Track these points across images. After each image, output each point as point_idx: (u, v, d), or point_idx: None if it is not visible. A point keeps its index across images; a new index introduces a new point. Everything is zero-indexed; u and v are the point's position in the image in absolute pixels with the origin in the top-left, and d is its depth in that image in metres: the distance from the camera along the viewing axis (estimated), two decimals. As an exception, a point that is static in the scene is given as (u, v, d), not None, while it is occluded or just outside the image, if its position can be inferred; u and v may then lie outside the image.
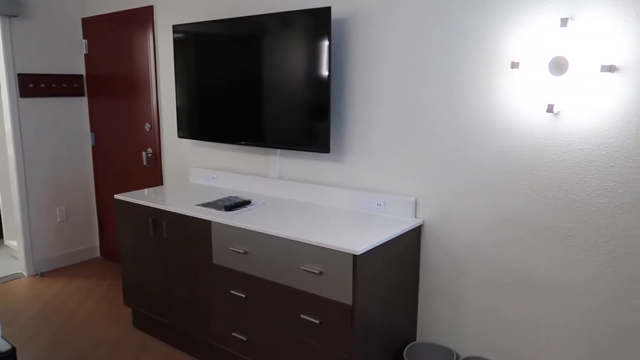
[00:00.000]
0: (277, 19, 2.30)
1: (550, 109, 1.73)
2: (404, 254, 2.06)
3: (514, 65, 1.79)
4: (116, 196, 2.61)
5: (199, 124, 2.74)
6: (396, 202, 2.18)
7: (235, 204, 2.33)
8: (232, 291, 2.16)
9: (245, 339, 2.15)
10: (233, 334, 2.19)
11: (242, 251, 2.09)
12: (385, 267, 1.95)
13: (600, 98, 1.68)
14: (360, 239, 1.86)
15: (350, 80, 2.27)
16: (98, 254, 3.88)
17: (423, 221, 2.15)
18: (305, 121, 2.30)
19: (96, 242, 3.87)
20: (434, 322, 2.19)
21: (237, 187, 2.77)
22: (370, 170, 2.28)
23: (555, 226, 1.83)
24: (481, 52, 1.91)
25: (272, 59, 2.36)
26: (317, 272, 1.86)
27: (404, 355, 2.05)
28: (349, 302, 1.80)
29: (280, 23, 2.30)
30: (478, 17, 1.89)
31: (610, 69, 1.62)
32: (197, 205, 2.37)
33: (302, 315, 1.93)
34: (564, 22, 1.67)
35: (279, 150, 2.59)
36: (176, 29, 2.74)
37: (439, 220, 2.11)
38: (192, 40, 2.68)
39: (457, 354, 2.12)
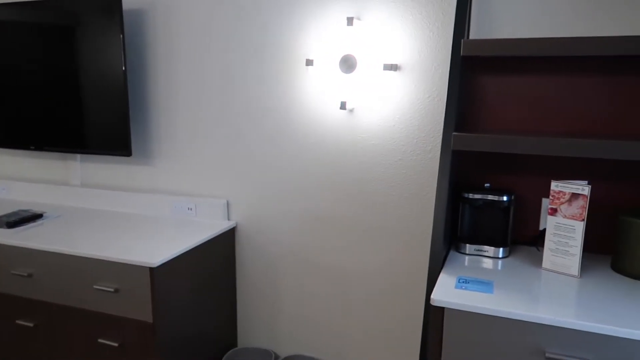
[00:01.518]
0: (64, 5, 2.03)
1: (343, 106, 1.77)
2: (216, 258, 1.97)
3: (309, 62, 1.79)
4: None
5: (-23, 127, 2.32)
6: (208, 205, 2.08)
7: (21, 219, 2.02)
8: (17, 321, 1.86)
9: (37, 373, 1.87)
10: (23, 370, 1.90)
11: (26, 274, 1.81)
12: (195, 275, 1.84)
13: (387, 95, 1.76)
14: (160, 249, 1.72)
15: (151, 77, 2.10)
16: None
17: (236, 223, 2.08)
18: (103, 122, 2.07)
19: None
20: (253, 325, 2.14)
21: (32, 199, 2.42)
22: (179, 173, 2.14)
23: (359, 221, 1.89)
24: (280, 50, 1.88)
25: (63, 52, 2.08)
26: (112, 289, 1.68)
27: (221, 365, 1.96)
28: (149, 319, 1.65)
29: (69, 11, 2.03)
30: (275, 14, 1.86)
31: (392, 67, 1.70)
32: (-29, 224, 2.00)
33: (100, 340, 1.73)
34: (350, 21, 1.71)
35: (78, 155, 2.31)
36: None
37: (252, 221, 2.06)
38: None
39: (275, 354, 2.10)
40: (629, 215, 1.36)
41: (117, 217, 2.13)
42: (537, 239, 1.60)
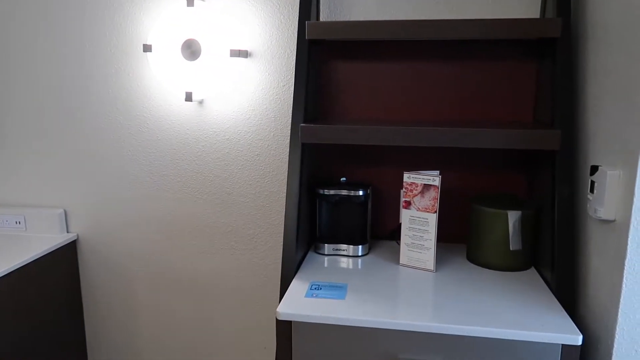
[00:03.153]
0: None
1: (189, 97, 1.57)
2: (55, 278, 1.68)
3: (147, 48, 1.57)
4: None
5: None
6: (40, 217, 1.77)
7: None
8: None
9: None
10: None
11: None
12: (25, 300, 1.54)
13: (240, 84, 1.60)
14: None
15: (-43, 67, 1.73)
16: None
17: (77, 236, 1.80)
18: None
19: None
20: (106, 353, 1.88)
21: None
22: (3, 181, 1.80)
23: (216, 223, 1.71)
24: (115, 37, 1.63)
25: None
26: None
27: (63, 402, 1.68)
28: (-48, 363, 1.34)
29: None
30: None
31: (241, 53, 1.54)
32: None
33: None
34: (190, 1, 1.51)
35: None
36: None
37: (97, 232, 1.79)
38: None
39: (133, 381, 1.86)
40: (477, 202, 1.33)
41: None
42: (395, 233, 1.53)
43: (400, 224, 1.34)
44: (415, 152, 1.50)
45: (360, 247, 1.40)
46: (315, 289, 1.18)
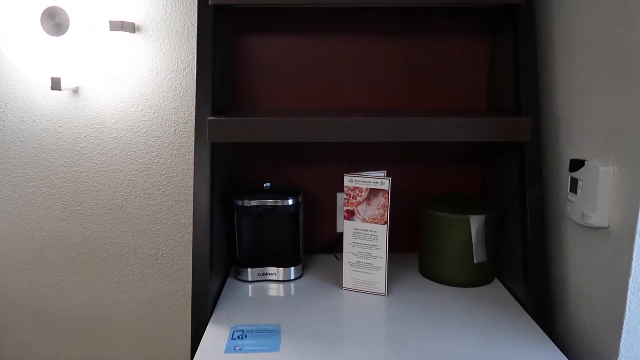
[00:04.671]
0: None
1: (56, 84, 1.19)
2: None
3: (-8, 19, 1.16)
4: None
5: None
6: None
7: None
8: None
9: None
10: None
11: None
12: None
13: (126, 68, 1.24)
14: None
15: None
16: None
17: None
18: None
19: None
20: (-33, 415, 1.46)
21: None
22: None
23: (106, 244, 1.35)
24: (-58, -1, 1.20)
25: None
26: None
27: None
28: None
29: None
30: None
31: (125, 27, 1.18)
32: None
33: None
34: (50, -45, 1.13)
35: None
36: None
37: (-60, 265, 1.35)
38: None
39: None
40: (431, 206, 1.10)
41: None
42: (333, 246, 1.27)
43: (341, 234, 1.07)
44: (354, 146, 1.25)
45: (292, 269, 1.12)
46: (238, 337, 0.89)
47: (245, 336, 0.89)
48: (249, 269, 1.11)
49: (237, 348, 0.85)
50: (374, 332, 0.90)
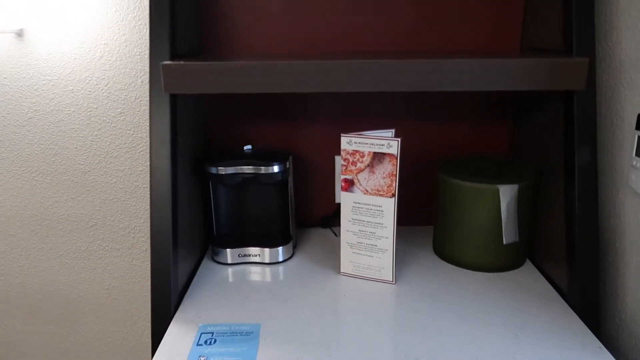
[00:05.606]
0: None
1: (-9, 25, 0.97)
2: None
3: None
4: None
5: None
6: None
7: None
8: None
9: None
10: None
11: None
12: None
13: (78, 5, 1.02)
14: None
15: None
16: None
17: None
18: None
19: None
20: None
21: None
22: None
23: (71, 215, 1.17)
24: None
25: None
26: None
27: None
28: None
29: None
30: None
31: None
32: None
33: None
34: None
35: None
36: None
37: None
38: None
39: None
40: (449, 172, 0.89)
41: None
42: (330, 219, 1.07)
43: (339, 206, 0.88)
44: (355, 99, 1.02)
45: (280, 250, 0.92)
46: (205, 342, 0.70)
47: (215, 341, 0.70)
48: (227, 250, 0.91)
49: (202, 359, 0.67)
50: (378, 332, 0.71)
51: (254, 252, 0.92)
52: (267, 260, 0.92)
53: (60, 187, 1.15)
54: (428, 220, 1.08)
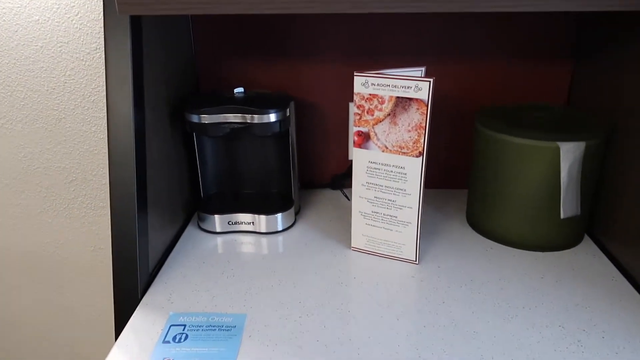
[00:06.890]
0: None
1: None
2: None
3: None
4: None
5: None
6: None
7: None
8: None
9: None
10: None
11: None
12: None
13: None
14: None
15: None
16: None
17: None
18: None
19: None
20: None
21: None
22: None
23: (48, 169, 1.03)
24: None
25: None
26: None
27: None
28: None
29: None
30: None
31: None
32: None
33: None
34: None
35: None
36: None
37: None
38: None
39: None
40: (492, 124, 0.69)
41: None
42: (342, 178, 0.90)
43: (350, 165, 0.70)
44: (374, 31, 0.82)
45: (278, 216, 0.76)
46: (174, 338, 0.55)
47: (186, 337, 0.55)
48: (215, 216, 0.75)
49: (166, 361, 0.52)
50: (394, 331, 0.55)
51: (247, 219, 0.75)
52: (262, 230, 0.76)
53: (33, 137, 1.00)
54: (461, 182, 0.89)
